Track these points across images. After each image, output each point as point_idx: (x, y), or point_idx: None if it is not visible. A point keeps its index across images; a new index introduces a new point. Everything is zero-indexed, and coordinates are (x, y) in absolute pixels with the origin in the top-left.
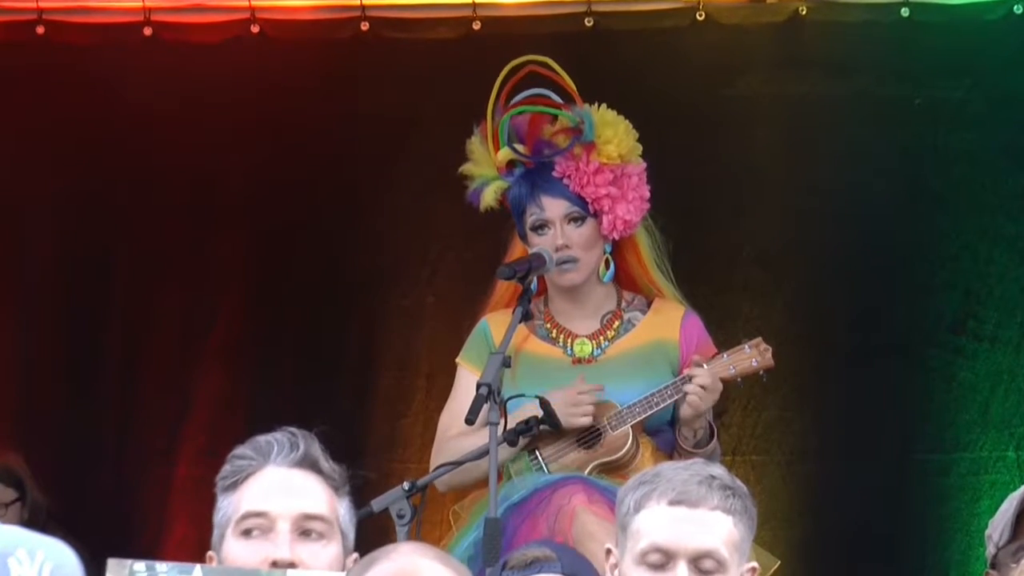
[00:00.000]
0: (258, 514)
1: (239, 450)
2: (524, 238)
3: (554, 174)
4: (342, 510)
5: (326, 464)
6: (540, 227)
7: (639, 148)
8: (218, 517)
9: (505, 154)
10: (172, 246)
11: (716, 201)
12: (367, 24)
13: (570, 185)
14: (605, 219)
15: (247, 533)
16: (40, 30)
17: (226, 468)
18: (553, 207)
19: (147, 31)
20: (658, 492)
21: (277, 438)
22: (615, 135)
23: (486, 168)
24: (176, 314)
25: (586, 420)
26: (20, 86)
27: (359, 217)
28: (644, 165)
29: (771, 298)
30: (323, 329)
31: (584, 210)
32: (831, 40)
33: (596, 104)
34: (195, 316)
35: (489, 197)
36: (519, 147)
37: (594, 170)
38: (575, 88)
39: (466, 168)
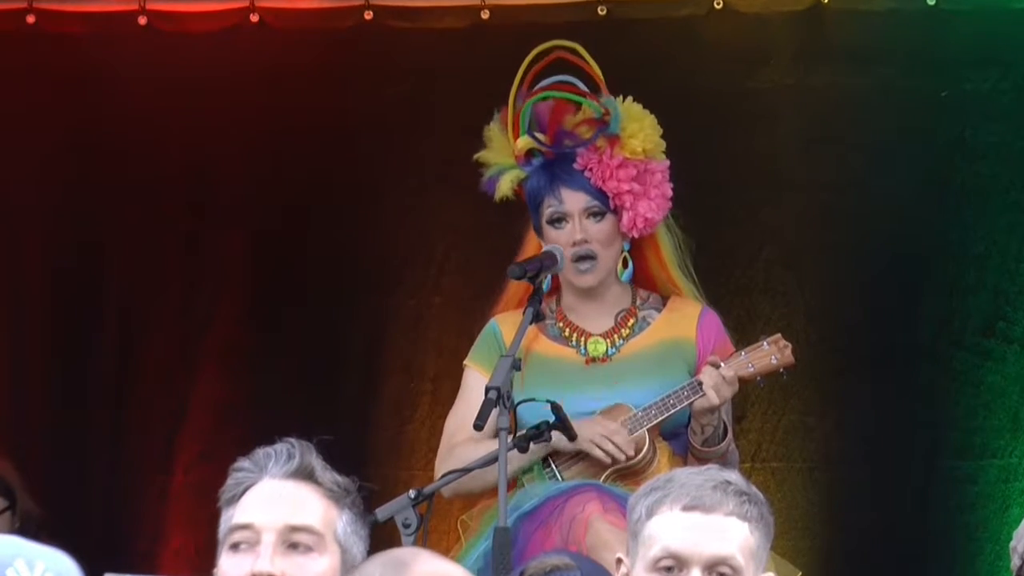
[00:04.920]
0: (244, 527)
1: (239, 463)
2: (540, 232)
3: (575, 166)
4: (341, 523)
5: (324, 475)
6: (558, 220)
7: (663, 145)
8: (219, 532)
9: (525, 142)
10: (168, 244)
11: (735, 197)
12: (371, 13)
13: (591, 178)
14: (626, 216)
15: (235, 547)
16: (31, 19)
17: (228, 482)
18: (572, 200)
19: (142, 20)
20: (671, 497)
21: (276, 449)
22: (640, 129)
23: (503, 156)
24: (173, 315)
25: (601, 455)
26: (10, 77)
27: (362, 214)
28: (668, 163)
29: (792, 298)
30: (325, 332)
31: (604, 205)
32: (854, 30)
33: (620, 97)
34: (192, 317)
35: (505, 186)
36: (540, 136)
37: (617, 164)
38: (602, 77)
39: (482, 155)
